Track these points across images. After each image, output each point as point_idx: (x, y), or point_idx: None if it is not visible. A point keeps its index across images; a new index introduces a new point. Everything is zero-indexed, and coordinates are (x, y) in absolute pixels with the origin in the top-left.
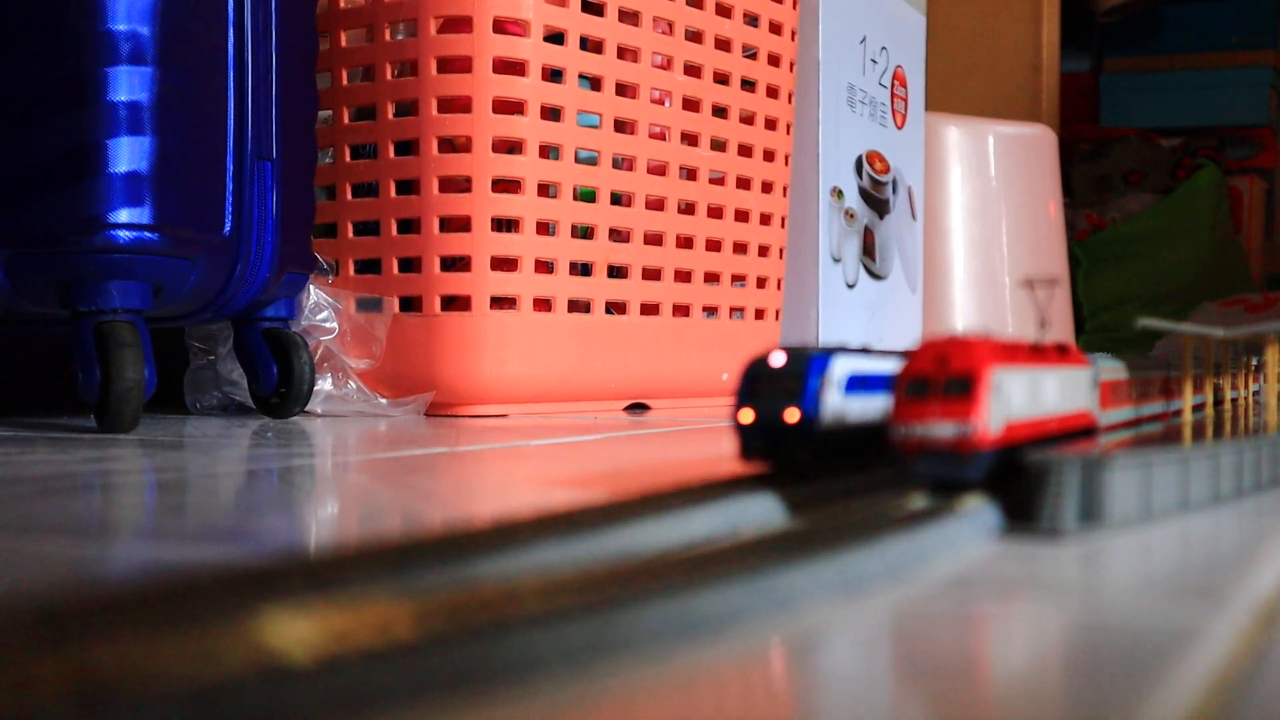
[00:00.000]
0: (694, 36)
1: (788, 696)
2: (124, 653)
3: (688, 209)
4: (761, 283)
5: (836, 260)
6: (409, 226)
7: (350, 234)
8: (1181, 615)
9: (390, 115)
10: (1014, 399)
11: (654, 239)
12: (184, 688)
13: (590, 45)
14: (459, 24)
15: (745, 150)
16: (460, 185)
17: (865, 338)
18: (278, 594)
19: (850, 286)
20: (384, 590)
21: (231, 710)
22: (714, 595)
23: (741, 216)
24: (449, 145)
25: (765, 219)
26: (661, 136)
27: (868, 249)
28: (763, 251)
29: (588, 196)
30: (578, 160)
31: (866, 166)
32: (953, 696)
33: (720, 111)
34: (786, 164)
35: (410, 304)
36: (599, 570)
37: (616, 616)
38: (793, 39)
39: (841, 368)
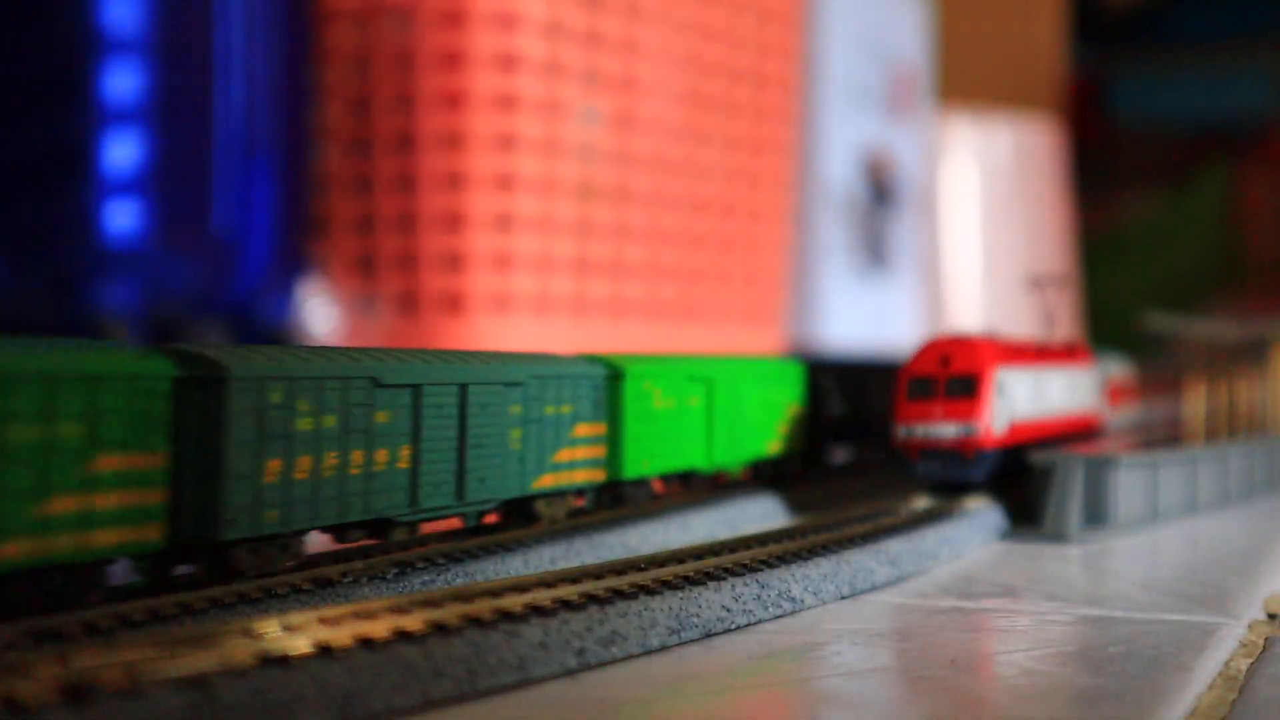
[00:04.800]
0: (695, 29)
1: (789, 694)
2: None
3: (688, 205)
4: (763, 279)
5: (839, 256)
6: (403, 225)
7: (343, 232)
8: (1188, 616)
9: (385, 112)
10: (1018, 399)
11: (654, 235)
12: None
13: (590, 40)
14: (455, 18)
15: (746, 145)
16: (456, 184)
17: (866, 334)
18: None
19: (852, 283)
20: (386, 589)
21: (229, 709)
22: (715, 595)
23: (743, 212)
24: (445, 142)
25: (767, 215)
26: (662, 131)
27: (871, 245)
28: (764, 247)
29: (586, 194)
30: (577, 157)
31: (871, 161)
32: (956, 695)
33: (721, 106)
34: (789, 159)
35: (404, 303)
36: (600, 569)
37: (618, 615)
38: (796, 32)
39: None
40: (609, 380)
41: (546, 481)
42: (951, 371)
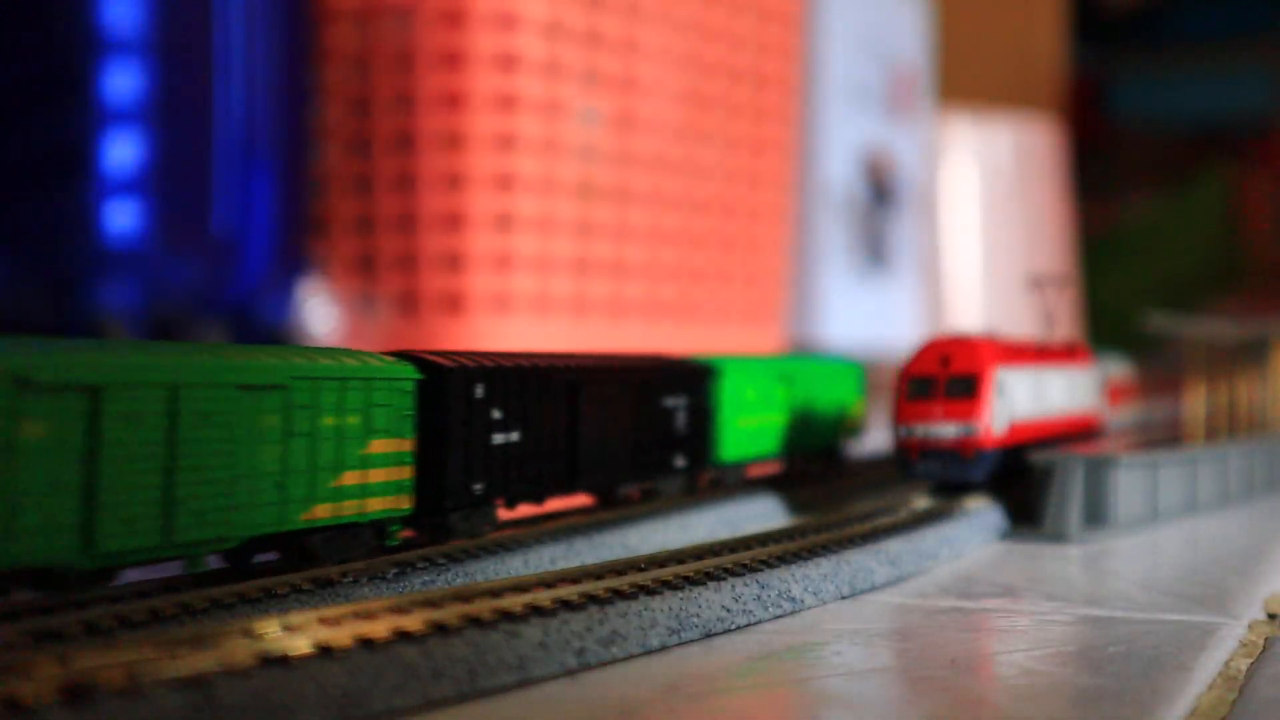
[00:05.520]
0: (695, 29)
1: (789, 694)
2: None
3: (688, 205)
4: (763, 279)
5: (839, 256)
6: (403, 225)
7: (343, 232)
8: (1188, 616)
9: (385, 112)
10: (1018, 399)
11: (654, 235)
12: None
13: (590, 40)
14: (455, 18)
15: (746, 145)
16: (456, 184)
17: (867, 334)
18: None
19: (852, 283)
20: (386, 589)
21: (228, 708)
22: (715, 595)
23: (743, 212)
24: (444, 142)
25: (767, 215)
26: (662, 131)
27: (871, 245)
28: (764, 247)
29: (586, 194)
30: (577, 157)
31: (871, 161)
32: (956, 695)
33: (721, 106)
34: (789, 159)
35: (405, 303)
36: (600, 569)
37: (618, 615)
38: (796, 32)
39: None
40: None
41: None
42: (951, 371)
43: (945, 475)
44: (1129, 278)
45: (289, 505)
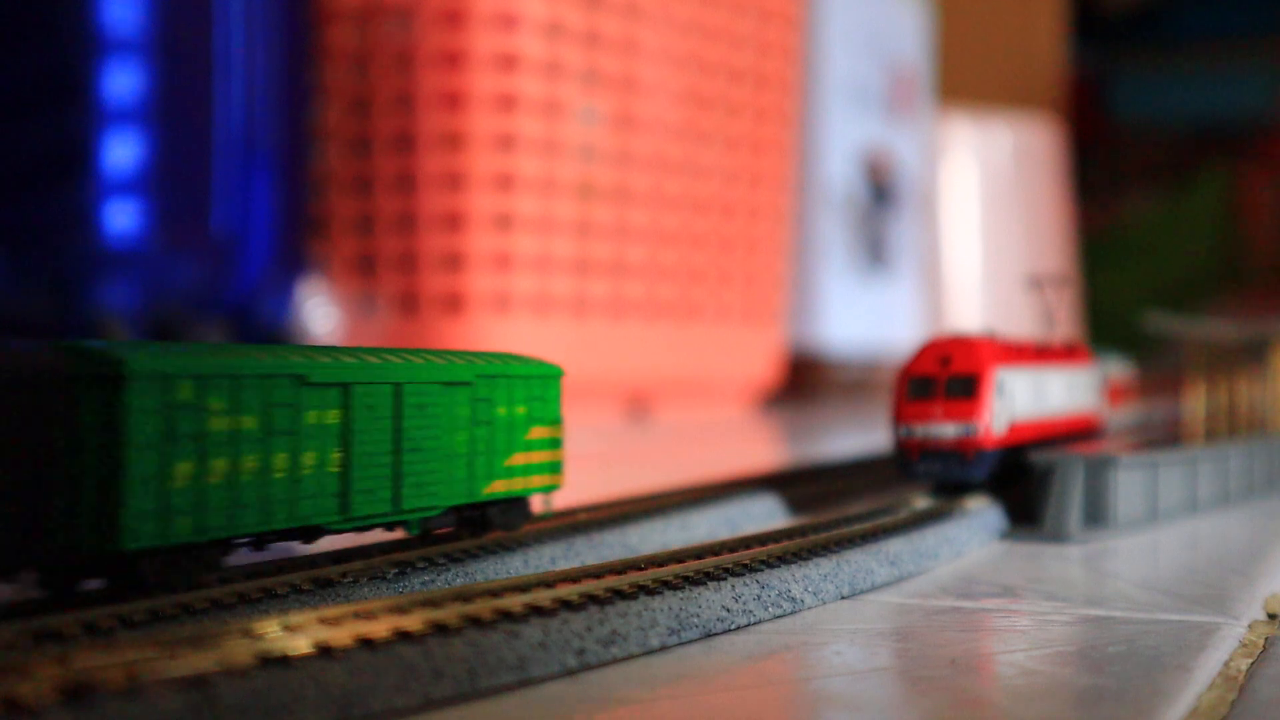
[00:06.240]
0: (695, 29)
1: (789, 694)
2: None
3: (688, 205)
4: (763, 279)
5: (839, 256)
6: (403, 225)
7: (343, 232)
8: (1188, 616)
9: (385, 112)
10: (1018, 399)
11: (654, 235)
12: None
13: (590, 40)
14: (455, 18)
15: (746, 145)
16: (456, 184)
17: (867, 334)
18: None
19: (852, 283)
20: (386, 589)
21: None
22: (715, 595)
23: (743, 212)
24: (445, 142)
25: (767, 215)
26: (662, 131)
27: (871, 245)
28: (764, 247)
29: (586, 194)
30: (577, 157)
31: (871, 161)
32: (956, 695)
33: (721, 106)
34: (788, 159)
35: (405, 303)
36: (600, 569)
37: (618, 615)
38: (796, 32)
39: None
40: None
41: None
42: (951, 371)
43: (945, 475)
44: (1129, 278)
45: None
